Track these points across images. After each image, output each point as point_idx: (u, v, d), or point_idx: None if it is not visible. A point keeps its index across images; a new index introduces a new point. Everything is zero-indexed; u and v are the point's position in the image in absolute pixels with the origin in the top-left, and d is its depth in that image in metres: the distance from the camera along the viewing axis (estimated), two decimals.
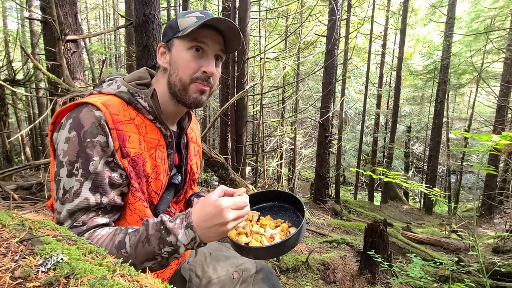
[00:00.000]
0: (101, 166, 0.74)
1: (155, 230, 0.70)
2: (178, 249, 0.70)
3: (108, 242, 0.71)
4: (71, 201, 0.72)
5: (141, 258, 0.69)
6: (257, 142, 7.76)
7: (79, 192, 0.72)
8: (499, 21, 9.06)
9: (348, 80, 12.03)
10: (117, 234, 0.72)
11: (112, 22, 15.46)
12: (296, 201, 0.93)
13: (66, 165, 0.72)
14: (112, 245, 0.70)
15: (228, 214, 0.69)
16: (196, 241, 0.70)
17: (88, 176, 0.73)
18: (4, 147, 6.23)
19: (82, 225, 0.73)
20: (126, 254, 0.69)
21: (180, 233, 0.69)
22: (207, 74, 0.85)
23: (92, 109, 0.75)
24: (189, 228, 0.70)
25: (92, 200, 0.73)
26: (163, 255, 0.69)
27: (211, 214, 0.69)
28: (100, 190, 0.74)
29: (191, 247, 0.70)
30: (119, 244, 0.70)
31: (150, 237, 0.69)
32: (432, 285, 2.16)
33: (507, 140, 1.26)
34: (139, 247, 0.69)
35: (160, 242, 0.69)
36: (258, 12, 7.63)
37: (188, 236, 0.69)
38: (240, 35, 0.85)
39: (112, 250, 0.70)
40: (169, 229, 0.69)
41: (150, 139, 0.84)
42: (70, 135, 0.73)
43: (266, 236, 0.83)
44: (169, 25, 0.88)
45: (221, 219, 0.69)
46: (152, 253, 0.69)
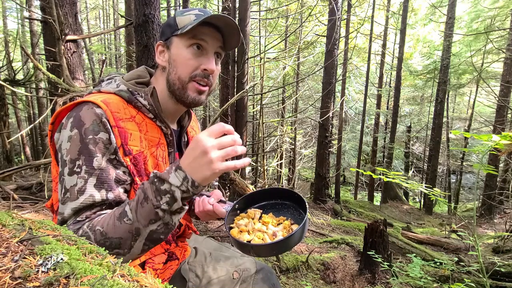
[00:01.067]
0: (104, 163, 0.73)
1: (150, 183, 0.69)
2: (174, 194, 0.67)
3: (110, 218, 0.70)
4: (75, 199, 0.71)
5: (144, 222, 0.68)
6: (257, 142, 7.76)
7: (83, 189, 0.71)
8: (499, 21, 9.06)
9: (348, 80, 12.03)
10: (117, 209, 0.72)
11: (112, 22, 15.45)
12: (298, 198, 0.93)
13: (68, 164, 0.72)
14: (113, 219, 0.69)
15: (205, 141, 0.66)
16: (187, 179, 0.67)
17: (93, 173, 0.72)
18: (4, 147, 6.23)
19: (85, 219, 0.72)
20: (129, 221, 0.68)
21: (171, 176, 0.67)
22: (207, 72, 0.85)
23: (92, 106, 0.74)
24: (178, 169, 0.68)
25: (97, 196, 0.72)
26: (162, 206, 0.67)
27: (191, 148, 0.68)
28: (105, 186, 0.73)
29: (185, 189, 0.67)
30: (121, 215, 0.69)
31: (146, 192, 0.68)
32: (432, 285, 2.16)
33: (507, 140, 1.26)
34: (139, 208, 0.68)
35: (157, 194, 0.67)
36: (258, 12, 7.63)
37: (179, 177, 0.67)
38: (239, 31, 0.84)
39: (115, 223, 0.68)
40: (161, 176, 0.68)
41: (151, 138, 0.84)
42: (72, 134, 0.73)
43: (269, 233, 0.83)
44: (167, 23, 0.87)
45: (199, 148, 0.66)
46: (152, 210, 0.67)
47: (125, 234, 0.68)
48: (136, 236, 0.69)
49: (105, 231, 0.68)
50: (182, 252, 1.01)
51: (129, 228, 0.68)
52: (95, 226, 0.69)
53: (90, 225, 0.70)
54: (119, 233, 0.68)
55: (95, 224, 0.70)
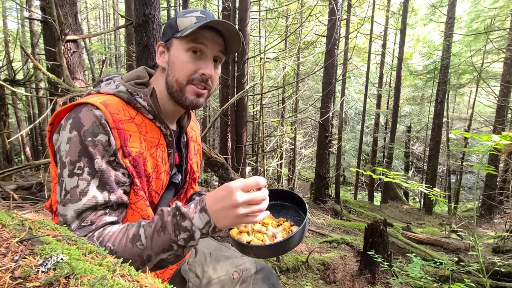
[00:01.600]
0: (105, 165, 0.73)
1: (171, 216, 0.69)
2: (193, 234, 0.68)
3: (122, 237, 0.69)
4: (77, 200, 0.71)
5: (157, 250, 0.68)
6: (257, 142, 7.76)
7: (86, 190, 0.71)
8: (499, 21, 9.06)
9: (348, 80, 12.03)
10: (129, 229, 0.71)
11: (112, 22, 15.45)
12: (298, 199, 0.93)
13: (68, 165, 0.72)
14: (126, 240, 0.69)
15: (238, 196, 0.66)
16: (210, 224, 0.68)
17: (95, 174, 0.72)
18: (4, 147, 6.23)
19: (91, 224, 0.71)
20: (142, 246, 0.68)
21: (195, 217, 0.68)
22: (205, 76, 0.84)
23: (91, 108, 0.74)
24: (203, 211, 0.68)
25: (100, 198, 0.72)
26: (179, 242, 0.67)
27: (222, 196, 0.68)
28: (107, 188, 0.74)
29: (206, 232, 0.68)
30: (134, 238, 0.69)
31: (165, 224, 0.68)
32: (432, 285, 2.16)
33: (507, 140, 1.26)
34: (155, 236, 0.68)
35: (176, 229, 0.67)
36: (258, 12, 7.63)
37: (202, 219, 0.68)
38: (240, 37, 0.84)
39: (127, 245, 0.68)
40: (184, 213, 0.68)
41: (150, 139, 0.84)
42: (71, 135, 0.72)
43: (268, 234, 0.83)
44: (168, 24, 0.87)
45: (230, 201, 0.66)
46: (168, 242, 0.67)
47: (135, 258, 0.68)
48: (146, 262, 0.69)
49: (115, 250, 0.68)
50: None
51: (140, 253, 0.68)
52: (106, 241, 0.69)
53: (100, 238, 0.70)
54: (129, 255, 0.68)
55: (105, 239, 0.69)
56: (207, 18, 0.83)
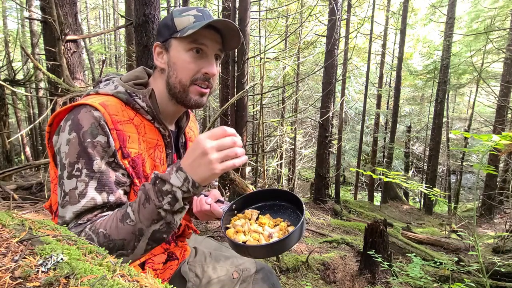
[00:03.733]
0: (104, 166, 0.74)
1: (151, 184, 0.70)
2: (175, 195, 0.68)
3: (112, 220, 0.70)
4: (76, 202, 0.71)
5: (146, 222, 0.68)
6: (257, 142, 7.76)
7: (85, 192, 0.71)
8: (499, 21, 9.06)
9: (348, 80, 12.03)
10: (118, 211, 0.72)
11: (112, 22, 15.45)
12: (296, 200, 0.93)
13: (67, 167, 0.72)
14: (116, 221, 0.70)
15: (205, 143, 0.66)
16: (188, 180, 0.68)
17: (93, 176, 0.72)
18: (4, 147, 6.23)
19: (87, 222, 0.72)
20: (132, 223, 0.68)
21: (172, 177, 0.68)
22: (208, 75, 0.84)
23: (90, 109, 0.74)
24: (179, 170, 0.68)
25: (99, 199, 0.73)
26: (164, 207, 0.68)
27: (191, 149, 0.69)
28: (106, 189, 0.74)
29: (186, 189, 0.68)
30: (123, 217, 0.70)
31: (148, 193, 0.69)
32: (432, 285, 2.16)
33: (507, 140, 1.26)
34: (141, 209, 0.68)
35: (159, 195, 0.68)
36: (258, 12, 7.63)
37: (179, 177, 0.68)
38: (239, 33, 0.83)
39: (118, 225, 0.69)
40: (162, 177, 0.69)
41: (149, 139, 0.84)
42: (70, 137, 0.72)
43: (264, 234, 0.83)
44: (164, 23, 0.85)
45: (199, 150, 0.67)
46: (155, 210, 0.68)
47: (128, 236, 0.69)
48: (139, 237, 0.69)
49: (108, 233, 0.69)
50: (182, 252, 1.01)
51: (132, 229, 0.69)
52: (98, 228, 0.70)
53: (92, 227, 0.70)
54: (122, 234, 0.69)
55: (97, 227, 0.70)
56: (204, 16, 0.82)
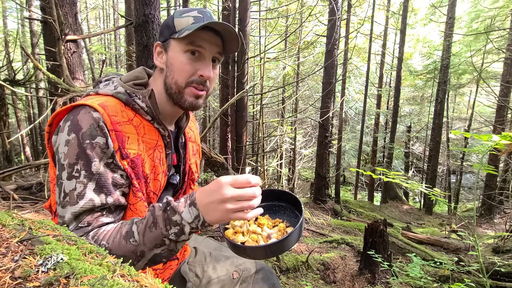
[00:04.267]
0: (102, 167, 0.74)
1: (161, 211, 0.70)
2: (183, 229, 0.68)
3: (116, 235, 0.71)
4: (75, 203, 0.71)
5: (150, 245, 0.69)
6: (257, 142, 7.76)
7: (83, 193, 0.72)
8: (499, 21, 9.06)
9: (348, 80, 12.03)
10: (123, 226, 0.72)
11: (112, 22, 15.45)
12: (295, 200, 0.93)
13: (67, 168, 0.72)
14: (120, 237, 0.70)
15: (226, 191, 0.66)
16: (199, 218, 0.68)
17: (92, 177, 0.73)
18: (4, 147, 6.22)
19: (87, 225, 0.73)
20: (135, 243, 0.69)
21: (185, 211, 0.68)
22: (203, 78, 0.84)
23: (89, 110, 0.74)
24: (192, 205, 0.68)
25: (97, 201, 0.73)
26: (170, 237, 0.68)
27: (211, 190, 0.68)
28: (104, 191, 0.74)
29: (195, 226, 0.69)
30: (127, 235, 0.70)
31: (157, 219, 0.69)
32: (432, 285, 2.16)
33: (507, 140, 1.26)
34: (147, 232, 0.69)
35: (167, 223, 0.68)
36: (258, 12, 7.63)
37: (191, 213, 0.68)
38: (238, 37, 0.83)
39: (121, 242, 0.69)
40: (174, 207, 0.69)
41: (148, 140, 0.83)
42: (69, 138, 0.72)
43: (263, 235, 0.83)
44: (165, 23, 0.86)
45: (219, 195, 0.66)
46: (160, 237, 0.68)
47: (129, 254, 0.69)
48: (140, 257, 0.70)
49: (110, 248, 0.69)
50: (182, 252, 1.01)
51: (134, 249, 0.69)
52: (101, 240, 0.70)
53: (95, 237, 0.71)
54: (123, 251, 0.69)
55: (100, 238, 0.71)
56: (205, 17, 0.82)
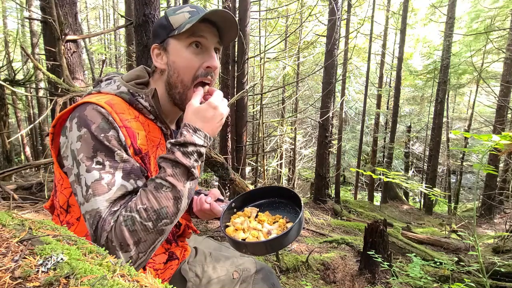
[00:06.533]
0: (125, 155, 0.74)
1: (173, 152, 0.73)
2: (200, 151, 0.75)
3: (147, 195, 0.70)
4: (107, 190, 0.70)
5: (183, 182, 0.72)
6: (257, 142, 7.76)
7: (113, 181, 0.71)
8: (499, 21, 9.06)
9: (348, 80, 12.02)
10: (147, 187, 0.72)
11: (112, 22, 15.46)
12: (294, 196, 0.93)
13: (84, 162, 0.71)
14: (152, 194, 0.70)
15: (223, 110, 0.80)
16: (207, 137, 0.77)
17: (117, 166, 0.72)
18: (4, 147, 6.22)
19: (120, 208, 0.71)
20: (169, 188, 0.71)
21: (194, 138, 0.74)
22: (210, 69, 0.84)
23: (96, 107, 0.74)
24: (197, 131, 0.75)
25: (129, 186, 0.73)
26: (194, 163, 0.74)
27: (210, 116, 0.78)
28: (132, 176, 0.74)
29: (207, 144, 0.77)
30: (156, 189, 0.71)
31: (175, 159, 0.72)
32: (432, 285, 2.16)
33: (507, 140, 1.26)
34: (174, 174, 0.71)
35: (186, 156, 0.73)
36: (258, 12, 7.63)
37: (200, 136, 0.76)
38: (236, 24, 0.83)
39: (157, 195, 0.70)
40: (184, 142, 0.73)
41: (153, 138, 0.84)
42: (81, 133, 0.72)
43: (263, 231, 0.83)
44: (159, 24, 0.85)
45: (220, 115, 0.80)
46: (186, 170, 0.72)
47: (170, 201, 0.71)
48: (180, 198, 0.72)
49: (149, 207, 0.69)
50: (182, 252, 1.01)
51: (172, 194, 0.71)
52: (135, 207, 0.69)
53: (128, 209, 0.70)
54: (164, 202, 0.70)
55: (133, 206, 0.69)
56: (199, 11, 0.82)
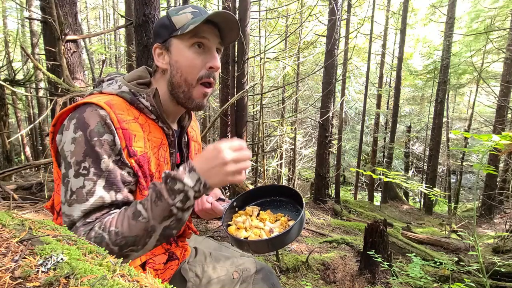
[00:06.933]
0: (112, 164, 0.74)
1: (163, 184, 0.71)
2: (187, 193, 0.70)
3: (123, 218, 0.71)
4: (85, 200, 0.71)
5: (159, 219, 0.70)
6: (257, 142, 7.76)
7: (93, 191, 0.72)
8: (499, 21, 9.06)
9: (348, 80, 12.02)
10: (127, 209, 0.73)
11: (112, 22, 15.46)
12: (295, 194, 0.93)
13: (74, 166, 0.72)
14: (128, 219, 0.70)
15: (226, 154, 0.71)
16: (201, 181, 0.71)
17: (101, 174, 0.72)
18: (4, 147, 6.22)
19: (95, 220, 0.72)
20: (144, 220, 0.70)
21: (185, 177, 0.70)
22: (213, 69, 0.84)
23: (96, 108, 0.74)
24: (192, 171, 0.71)
25: (107, 198, 0.73)
26: (177, 205, 0.70)
27: (210, 156, 0.72)
28: (114, 188, 0.74)
29: (198, 189, 0.71)
30: (134, 215, 0.70)
31: (160, 191, 0.70)
32: (432, 285, 2.16)
33: (507, 140, 1.26)
34: (154, 207, 0.70)
35: (171, 193, 0.69)
36: (258, 12, 7.63)
37: (192, 178, 0.70)
38: (238, 25, 0.84)
39: (131, 223, 0.70)
40: (175, 177, 0.70)
41: (153, 138, 0.84)
42: (76, 135, 0.72)
43: (265, 230, 0.84)
44: (161, 24, 0.85)
45: (220, 159, 0.70)
46: (167, 208, 0.69)
47: (141, 232, 0.70)
48: (151, 233, 0.71)
49: (120, 231, 0.69)
50: (182, 252, 1.01)
51: (145, 227, 0.70)
52: (109, 227, 0.70)
53: (102, 226, 0.71)
54: (135, 231, 0.70)
55: (107, 225, 0.70)
56: (201, 12, 0.83)
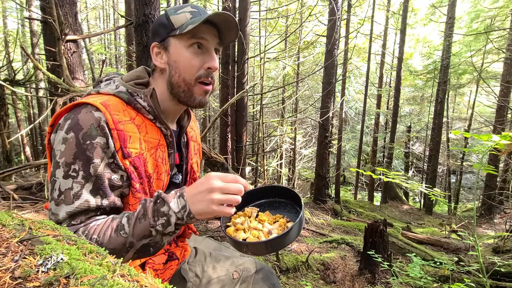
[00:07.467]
0: (101, 168, 0.73)
1: (152, 203, 0.71)
2: (170, 219, 0.70)
3: (107, 229, 0.71)
4: (71, 203, 0.72)
5: (138, 236, 0.70)
6: (257, 142, 7.76)
7: (79, 194, 0.72)
8: (499, 21, 9.06)
9: (348, 80, 12.02)
10: (114, 220, 0.73)
11: (112, 22, 15.45)
12: (294, 195, 0.93)
13: (63, 166, 0.72)
14: (110, 231, 0.71)
15: (214, 181, 0.69)
16: (186, 209, 0.70)
17: (89, 179, 0.72)
18: (4, 147, 6.22)
19: (80, 223, 0.73)
20: (125, 235, 0.70)
21: (173, 201, 0.70)
22: (211, 70, 0.84)
23: (91, 109, 0.74)
24: (181, 197, 0.71)
25: (92, 202, 0.73)
26: (157, 227, 0.70)
27: (200, 182, 0.71)
28: (100, 193, 0.74)
29: (181, 217, 0.70)
30: (118, 228, 0.71)
31: (147, 210, 0.70)
32: (432, 285, 2.16)
33: (507, 140, 1.26)
34: (137, 223, 0.70)
35: (155, 214, 0.70)
36: (258, 12, 7.63)
37: (179, 204, 0.70)
38: (237, 25, 0.84)
39: (112, 235, 0.70)
40: (164, 198, 0.71)
41: (150, 139, 0.83)
42: (67, 136, 0.72)
43: (264, 231, 0.83)
44: (159, 23, 0.85)
45: (206, 185, 0.69)
46: (147, 228, 0.70)
47: (119, 246, 0.71)
48: (128, 248, 0.71)
49: (100, 241, 0.70)
50: (182, 252, 1.01)
51: (124, 241, 0.70)
52: (91, 234, 0.71)
53: (85, 231, 0.71)
54: (114, 244, 0.70)
55: (91, 232, 0.71)
56: (200, 12, 0.83)
